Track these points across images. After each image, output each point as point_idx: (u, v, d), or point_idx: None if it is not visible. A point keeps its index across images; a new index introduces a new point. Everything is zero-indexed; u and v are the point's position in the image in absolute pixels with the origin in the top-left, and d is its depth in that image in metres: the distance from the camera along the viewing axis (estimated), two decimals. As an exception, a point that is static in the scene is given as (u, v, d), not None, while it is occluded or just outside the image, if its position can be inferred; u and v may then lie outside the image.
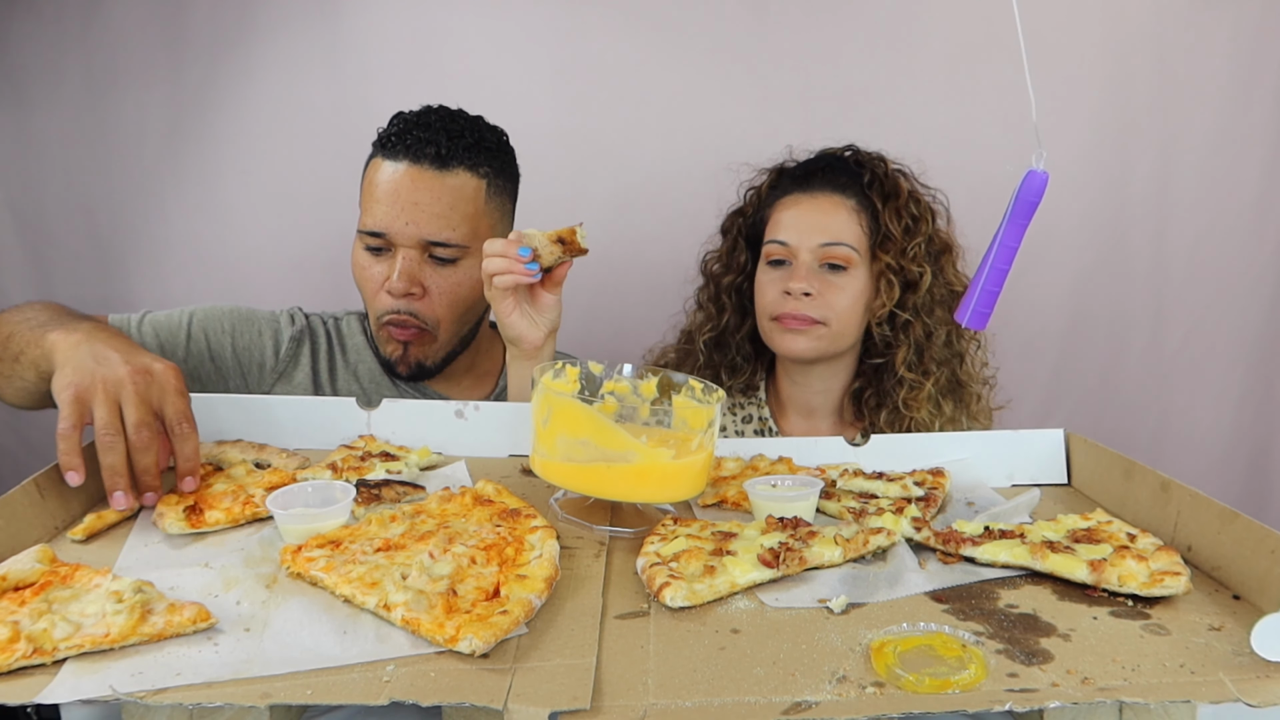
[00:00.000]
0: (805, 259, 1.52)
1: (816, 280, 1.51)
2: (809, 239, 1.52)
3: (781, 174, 1.64)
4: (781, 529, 0.96)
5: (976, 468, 1.21)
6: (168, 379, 1.01)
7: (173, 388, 1.01)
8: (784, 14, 2.09)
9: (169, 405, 1.01)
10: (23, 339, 1.16)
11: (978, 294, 1.03)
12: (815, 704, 0.68)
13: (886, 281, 1.53)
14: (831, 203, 1.54)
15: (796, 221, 1.54)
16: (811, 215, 1.54)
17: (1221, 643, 0.78)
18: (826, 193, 1.55)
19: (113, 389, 0.98)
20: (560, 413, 1.00)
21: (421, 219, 1.42)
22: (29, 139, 2.11)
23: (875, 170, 1.57)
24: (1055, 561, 0.89)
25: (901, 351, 1.55)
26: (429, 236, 1.43)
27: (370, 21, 2.09)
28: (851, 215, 1.53)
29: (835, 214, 1.53)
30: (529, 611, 0.78)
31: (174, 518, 0.95)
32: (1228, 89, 2.12)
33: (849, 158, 1.61)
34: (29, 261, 2.16)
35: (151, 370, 1.01)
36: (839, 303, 1.51)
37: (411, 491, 1.08)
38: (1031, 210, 0.99)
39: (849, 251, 1.51)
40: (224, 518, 0.97)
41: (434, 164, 1.43)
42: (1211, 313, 2.23)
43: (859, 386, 1.62)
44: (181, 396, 1.02)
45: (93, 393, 0.98)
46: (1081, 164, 2.14)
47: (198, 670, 0.70)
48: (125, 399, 0.98)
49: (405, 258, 1.44)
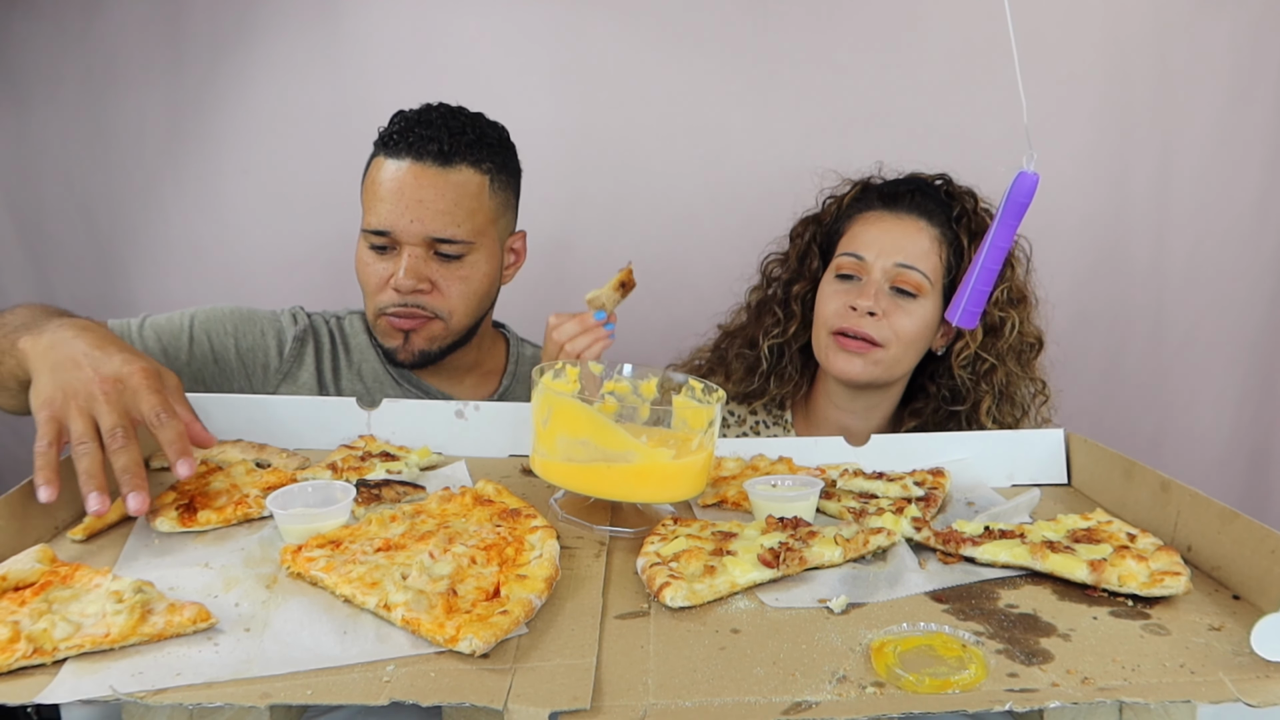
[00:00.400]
0: (877, 278, 1.47)
1: (885, 300, 1.47)
2: (885, 258, 1.47)
3: (867, 188, 1.59)
4: (781, 529, 0.96)
5: (976, 468, 1.21)
6: (138, 382, 1.00)
7: (144, 388, 1.00)
8: (784, 14, 2.09)
9: (143, 403, 0.99)
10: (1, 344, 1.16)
11: (968, 293, 1.04)
12: (815, 704, 0.68)
13: None
14: (916, 226, 1.50)
15: (877, 239, 1.49)
16: (893, 235, 1.49)
17: (1221, 643, 0.78)
18: (913, 216, 1.51)
19: (85, 403, 0.98)
20: (560, 413, 1.00)
21: (426, 216, 1.42)
22: (29, 139, 2.11)
23: (965, 204, 1.53)
24: (1055, 561, 0.89)
25: (986, 400, 1.50)
26: (434, 233, 1.43)
27: (370, 21, 2.09)
28: (933, 244, 1.49)
29: (917, 239, 1.49)
30: (529, 611, 0.78)
31: (167, 516, 0.96)
32: (1228, 89, 2.12)
33: (940, 186, 1.57)
34: (29, 261, 2.16)
35: (120, 377, 1.00)
36: (903, 327, 1.46)
37: (411, 491, 1.08)
38: (1022, 211, 1.00)
39: (922, 279, 1.47)
40: (216, 517, 0.97)
41: (437, 161, 1.43)
42: (1211, 313, 2.23)
43: (915, 427, 1.57)
44: (154, 394, 1.00)
45: (66, 410, 0.98)
46: (1081, 164, 2.13)
47: (198, 670, 0.70)
48: (98, 410, 0.98)
49: (411, 255, 1.44)
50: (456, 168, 1.44)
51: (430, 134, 1.43)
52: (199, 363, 1.48)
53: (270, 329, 1.55)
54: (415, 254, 1.44)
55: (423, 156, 1.43)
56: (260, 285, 2.12)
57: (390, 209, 1.42)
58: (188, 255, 2.17)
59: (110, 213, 2.14)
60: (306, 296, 1.74)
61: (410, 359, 1.51)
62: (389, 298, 1.46)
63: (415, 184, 1.42)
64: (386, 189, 1.43)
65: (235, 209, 2.15)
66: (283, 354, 1.54)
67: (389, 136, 1.46)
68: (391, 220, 1.43)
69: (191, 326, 1.50)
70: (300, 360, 1.55)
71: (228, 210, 2.15)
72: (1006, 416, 1.53)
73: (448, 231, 1.43)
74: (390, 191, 1.43)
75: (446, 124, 1.45)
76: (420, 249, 1.44)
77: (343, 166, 2.02)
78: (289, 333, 1.56)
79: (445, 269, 1.46)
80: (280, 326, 1.56)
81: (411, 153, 1.43)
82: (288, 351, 1.54)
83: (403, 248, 1.44)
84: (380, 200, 1.43)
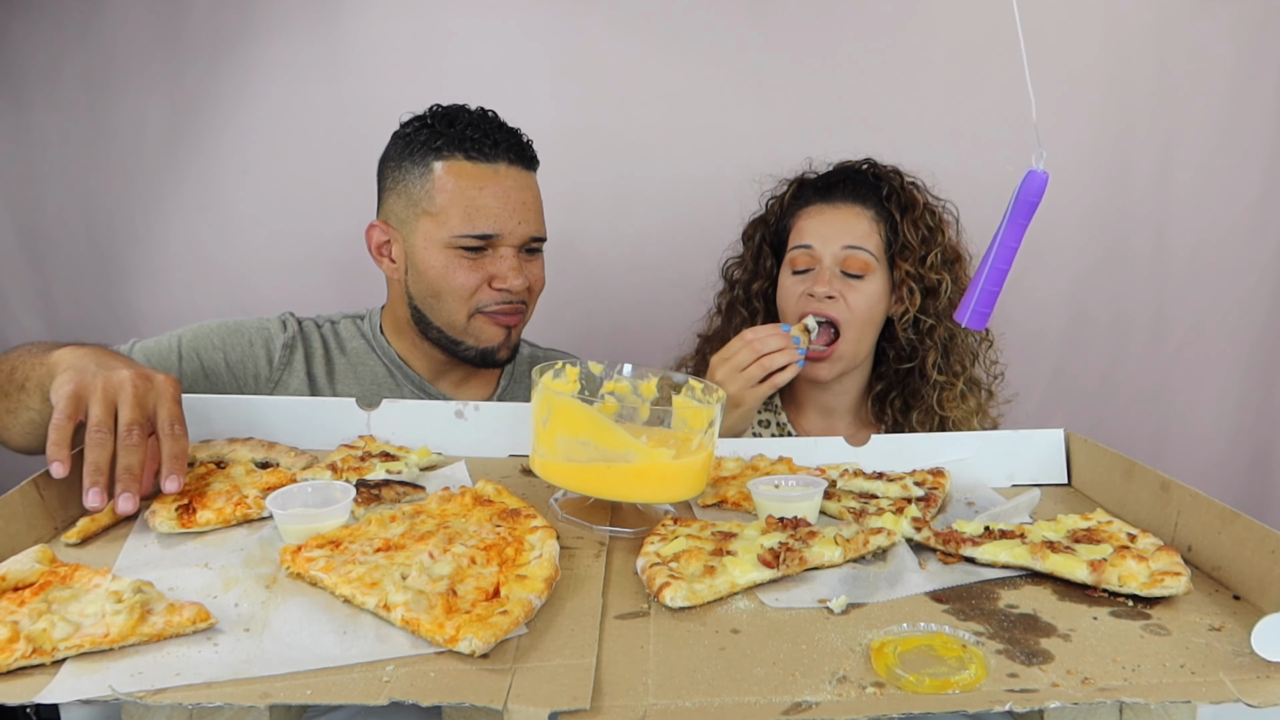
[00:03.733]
0: (828, 264, 1.58)
1: (838, 283, 1.57)
2: (832, 244, 1.58)
3: (803, 184, 1.69)
4: (781, 529, 0.96)
5: (976, 468, 1.21)
6: (166, 388, 1.02)
7: (169, 395, 1.02)
8: (784, 14, 2.09)
9: (163, 409, 1.01)
10: (26, 366, 1.17)
11: (978, 294, 1.04)
12: (815, 704, 0.68)
13: (908, 289, 1.59)
14: (853, 212, 1.60)
15: (820, 228, 1.60)
16: (834, 223, 1.60)
17: (1222, 643, 0.78)
18: (848, 203, 1.61)
19: (112, 389, 0.99)
20: (560, 413, 1.00)
21: (530, 217, 1.49)
22: (28, 139, 2.11)
23: (892, 183, 1.63)
24: (1055, 562, 0.89)
25: (931, 355, 1.63)
26: (536, 233, 1.50)
27: (370, 22, 2.09)
28: (871, 225, 1.60)
29: (857, 222, 1.59)
30: (529, 612, 0.78)
31: (165, 516, 0.95)
32: (1228, 89, 2.12)
33: (867, 170, 1.66)
34: (28, 262, 2.16)
35: (152, 378, 1.02)
36: (858, 305, 1.57)
37: (411, 491, 1.08)
38: (1031, 210, 0.99)
39: (869, 258, 1.57)
40: (215, 518, 0.97)
41: (525, 164, 1.50)
42: (1212, 313, 2.23)
43: (882, 389, 1.68)
44: (177, 404, 1.03)
45: (91, 390, 0.98)
46: (1081, 164, 2.14)
47: (197, 670, 0.70)
48: (122, 400, 0.98)
49: (511, 255, 1.48)
50: (534, 171, 1.52)
51: (514, 140, 1.49)
52: (190, 379, 1.48)
53: (259, 338, 1.54)
54: (514, 253, 1.48)
55: (515, 160, 1.48)
56: (260, 286, 2.12)
57: (498, 211, 1.46)
58: (187, 255, 2.17)
59: (110, 213, 2.14)
60: (306, 297, 1.74)
61: (508, 354, 1.56)
62: (488, 297, 1.49)
63: (517, 187, 1.48)
64: (490, 193, 1.46)
65: (235, 209, 2.15)
66: (272, 362, 1.54)
67: (470, 140, 1.46)
68: (500, 223, 1.46)
69: (180, 347, 1.49)
70: (289, 367, 1.55)
71: (227, 211, 2.15)
72: (955, 365, 1.65)
73: (542, 230, 1.52)
74: (495, 195, 1.46)
75: (512, 129, 1.51)
76: (513, 249, 1.48)
77: (343, 166, 2.02)
78: (278, 340, 1.55)
79: (530, 266, 1.53)
80: (269, 335, 1.56)
81: (505, 157, 1.47)
82: (277, 359, 1.54)
83: (499, 249, 1.47)
84: (482, 205, 1.45)
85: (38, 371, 1.14)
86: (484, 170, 1.45)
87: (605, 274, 2.18)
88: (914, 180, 1.66)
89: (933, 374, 1.63)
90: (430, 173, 1.47)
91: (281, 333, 1.56)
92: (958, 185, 1.68)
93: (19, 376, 1.17)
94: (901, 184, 1.63)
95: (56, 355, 1.10)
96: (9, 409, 1.19)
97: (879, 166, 1.67)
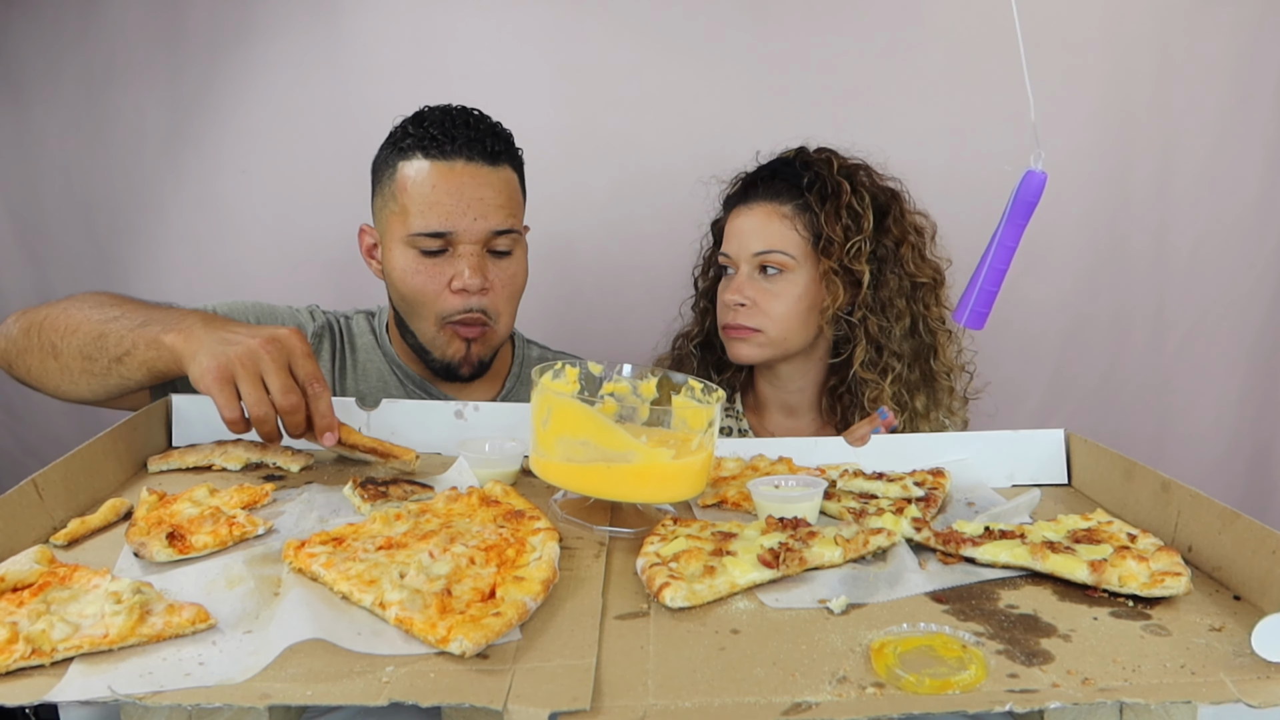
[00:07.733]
0: (744, 270, 1.58)
1: (752, 289, 1.56)
2: (745, 249, 1.57)
3: (736, 184, 1.68)
4: (781, 529, 0.96)
5: (976, 468, 1.21)
6: (294, 343, 1.08)
7: (299, 350, 1.08)
8: (783, 14, 2.09)
9: (299, 368, 1.07)
10: (125, 339, 1.17)
11: (975, 294, 1.03)
12: (815, 704, 0.68)
13: (830, 283, 1.55)
14: (765, 212, 1.58)
15: (736, 233, 1.60)
16: (747, 227, 1.58)
17: (1222, 643, 0.77)
18: (762, 202, 1.59)
19: (251, 364, 1.04)
20: (560, 413, 1.00)
21: (488, 212, 1.44)
22: (28, 139, 2.11)
23: (819, 171, 1.58)
24: (1055, 562, 0.89)
25: (859, 350, 1.58)
26: (497, 227, 1.45)
27: (371, 21, 2.09)
28: (785, 222, 1.56)
29: (768, 223, 1.57)
30: (523, 614, 0.78)
31: (159, 546, 0.89)
32: (1228, 89, 2.12)
33: (794, 160, 1.62)
34: (28, 261, 2.16)
35: (278, 337, 1.07)
36: (774, 309, 1.55)
37: (419, 490, 1.08)
38: (1030, 210, 0.99)
39: (783, 258, 1.55)
40: (211, 540, 0.92)
41: (487, 160, 1.45)
42: (1212, 313, 2.23)
43: (834, 384, 1.65)
44: (309, 359, 1.09)
45: (234, 371, 1.04)
46: (1081, 163, 2.14)
47: (197, 671, 0.70)
48: (265, 370, 1.05)
49: (470, 254, 1.44)
50: (501, 166, 1.47)
51: (475, 135, 1.45)
52: None
53: (290, 324, 1.54)
54: (473, 252, 1.45)
55: (474, 157, 1.44)
56: (260, 286, 2.11)
57: (450, 209, 1.42)
58: (187, 255, 2.16)
59: (110, 212, 2.14)
60: (306, 297, 1.73)
61: (471, 370, 1.53)
62: (451, 304, 1.46)
63: (474, 182, 1.44)
64: (442, 190, 1.43)
65: (235, 209, 2.15)
66: None
67: (429, 138, 1.45)
68: (453, 220, 1.42)
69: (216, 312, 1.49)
70: (319, 357, 1.54)
71: (227, 210, 2.15)
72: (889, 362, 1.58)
73: (507, 223, 1.46)
74: (448, 192, 1.43)
75: (482, 124, 1.48)
76: (476, 247, 1.45)
77: (342, 166, 2.01)
78: (308, 329, 1.55)
79: (498, 266, 1.48)
80: (300, 322, 1.56)
81: (463, 154, 1.44)
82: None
83: (458, 248, 1.44)
84: (434, 202, 1.43)
85: (143, 351, 1.16)
86: (439, 167, 1.43)
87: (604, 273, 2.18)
88: (857, 161, 1.61)
89: (858, 369, 1.57)
90: (395, 173, 1.47)
91: (311, 322, 1.58)
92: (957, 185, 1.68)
93: (112, 347, 1.18)
94: (831, 171, 1.57)
95: (170, 339, 1.12)
96: (90, 371, 1.20)
97: (807, 153, 1.62)
